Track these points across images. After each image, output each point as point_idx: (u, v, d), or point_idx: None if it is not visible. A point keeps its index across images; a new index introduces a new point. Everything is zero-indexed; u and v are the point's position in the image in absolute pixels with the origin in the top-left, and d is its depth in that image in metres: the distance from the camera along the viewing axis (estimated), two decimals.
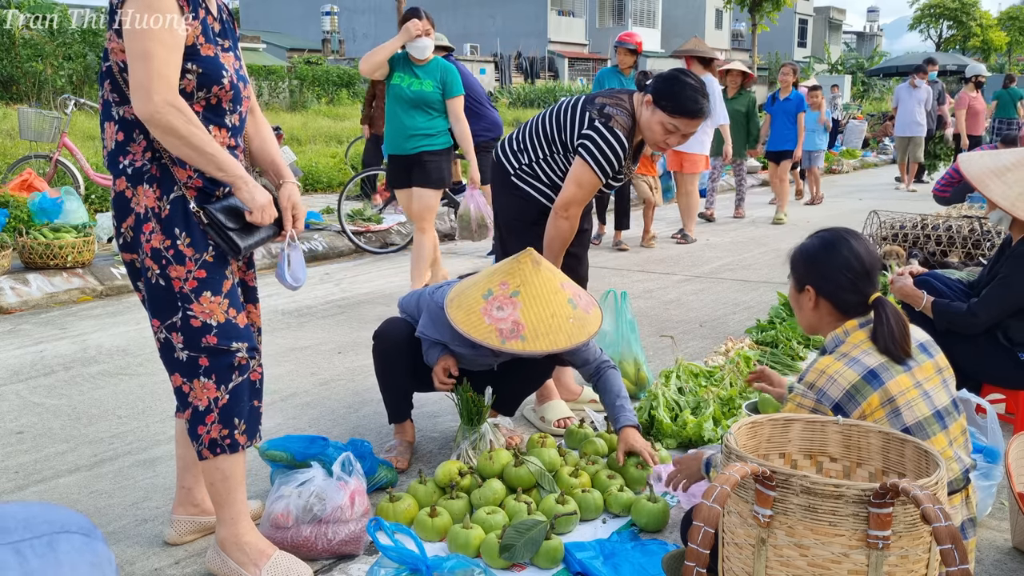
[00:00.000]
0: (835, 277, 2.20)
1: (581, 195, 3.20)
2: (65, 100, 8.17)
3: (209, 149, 2.07)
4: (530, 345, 2.64)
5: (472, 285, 2.80)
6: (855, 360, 2.09)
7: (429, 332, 2.95)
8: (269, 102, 21.10)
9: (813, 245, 2.29)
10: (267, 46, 34.20)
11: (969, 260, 5.72)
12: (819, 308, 2.25)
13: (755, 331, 4.65)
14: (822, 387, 2.09)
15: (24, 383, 4.06)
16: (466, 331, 2.66)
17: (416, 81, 5.06)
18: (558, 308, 2.70)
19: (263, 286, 2.72)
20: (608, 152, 3.13)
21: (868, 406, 2.05)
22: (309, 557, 2.39)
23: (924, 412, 2.06)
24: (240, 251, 2.19)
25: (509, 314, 2.65)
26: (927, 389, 2.10)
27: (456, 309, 2.73)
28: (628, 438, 2.88)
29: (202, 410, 2.21)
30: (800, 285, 2.29)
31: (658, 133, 3.12)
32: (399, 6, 10.28)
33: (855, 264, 2.19)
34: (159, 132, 2.04)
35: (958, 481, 2.09)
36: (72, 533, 0.75)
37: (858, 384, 2.06)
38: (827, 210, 10.59)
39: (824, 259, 2.23)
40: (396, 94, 5.09)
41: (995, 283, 3.18)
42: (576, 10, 47.19)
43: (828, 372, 2.09)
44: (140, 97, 2.00)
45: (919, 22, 49.47)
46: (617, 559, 2.36)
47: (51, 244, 5.83)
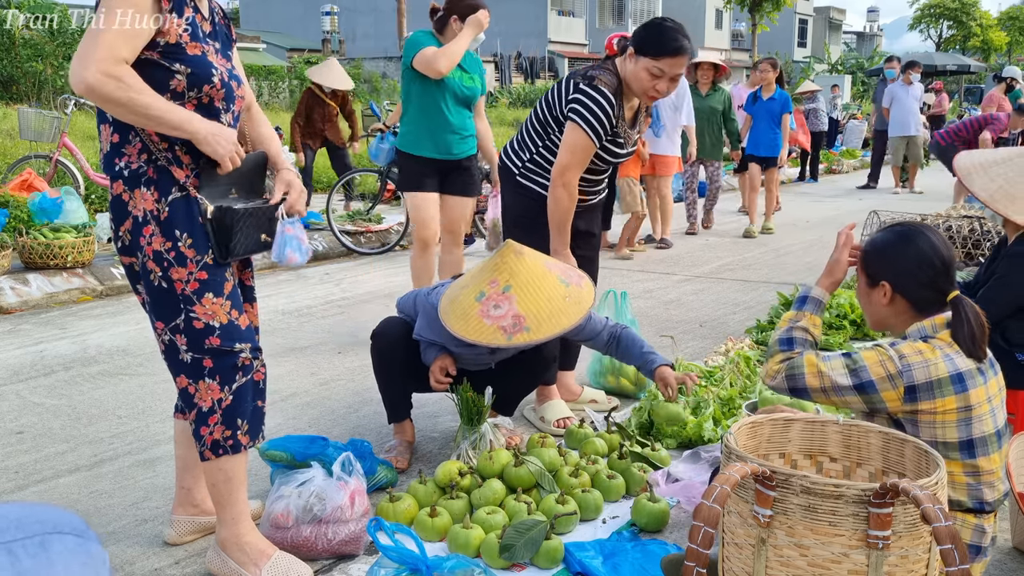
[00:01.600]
0: (914, 273, 2.09)
1: (576, 160, 3.16)
2: (65, 100, 8.17)
3: (155, 112, 2.02)
4: (535, 334, 2.64)
5: (462, 290, 2.80)
6: (949, 357, 2.01)
7: (426, 334, 2.96)
8: (269, 102, 21.11)
9: (888, 239, 2.17)
10: (267, 46, 34.18)
11: (969, 260, 5.72)
12: (894, 305, 2.14)
13: (755, 331, 4.65)
14: (911, 363, 2.00)
15: (24, 383, 4.06)
16: (470, 337, 2.66)
17: (467, 76, 4.42)
18: (551, 291, 2.72)
19: (263, 286, 2.71)
20: (596, 110, 3.10)
21: (941, 404, 1.99)
22: (309, 557, 2.39)
23: (989, 429, 2.03)
24: (227, 258, 2.20)
25: (507, 310, 2.66)
26: (994, 406, 2.05)
27: (454, 319, 2.72)
28: (664, 374, 2.97)
29: (205, 411, 2.21)
30: (874, 280, 2.17)
31: (645, 80, 3.09)
32: (399, 6, 10.26)
33: (935, 260, 2.09)
34: (100, 103, 2.01)
35: (999, 501, 2.07)
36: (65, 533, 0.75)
37: (944, 380, 1.99)
38: (827, 210, 10.59)
39: (902, 254, 2.12)
40: (447, 90, 4.33)
41: (992, 283, 3.18)
42: (576, 10, 47.19)
43: (925, 355, 2.00)
44: (76, 69, 1.96)
45: (919, 22, 49.46)
46: (617, 559, 2.36)
47: (51, 244, 5.83)
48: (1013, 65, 18.07)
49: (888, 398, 2.01)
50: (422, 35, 4.30)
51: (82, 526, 0.77)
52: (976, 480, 2.02)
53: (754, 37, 18.86)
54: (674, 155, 7.76)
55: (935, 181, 12.89)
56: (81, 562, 0.73)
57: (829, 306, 4.82)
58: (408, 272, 4.79)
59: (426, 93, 4.34)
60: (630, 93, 3.21)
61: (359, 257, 7.49)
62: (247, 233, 2.23)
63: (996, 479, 2.05)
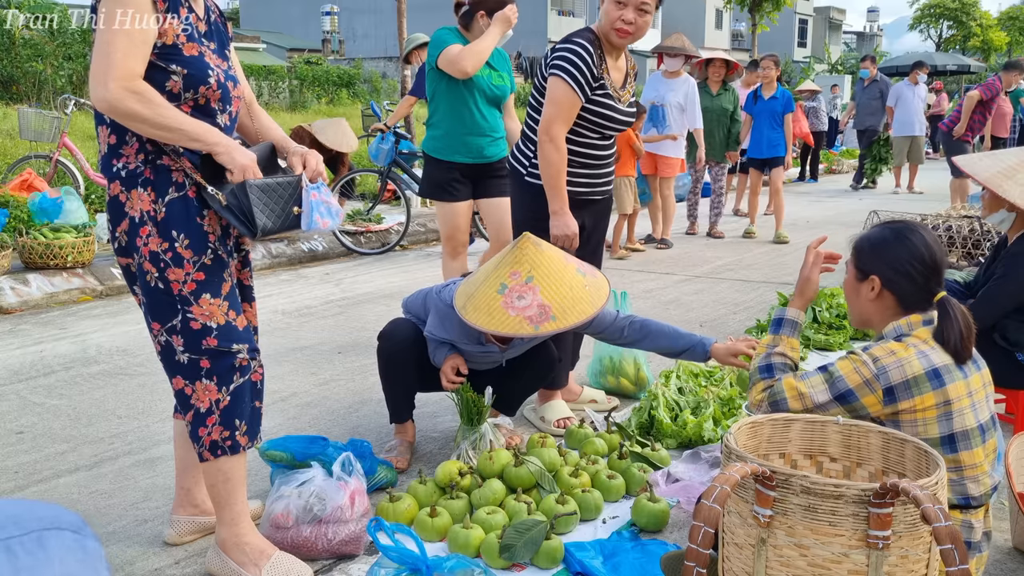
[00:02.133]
0: (905, 269, 2.11)
1: (560, 113, 3.11)
2: (65, 100, 8.17)
3: (176, 124, 2.03)
4: (562, 322, 2.64)
5: (480, 284, 2.78)
6: (923, 354, 2.02)
7: (437, 332, 2.95)
8: (269, 102, 21.09)
9: (883, 234, 2.18)
10: (267, 46, 34.19)
11: (969, 260, 5.72)
12: (880, 300, 2.16)
13: (755, 331, 4.65)
14: (886, 365, 2.01)
15: (24, 383, 4.06)
16: (496, 330, 2.65)
17: (496, 74, 4.15)
18: (572, 280, 2.72)
19: (263, 286, 2.71)
20: (573, 58, 3.08)
21: (921, 402, 2.00)
22: (309, 557, 2.39)
23: (971, 423, 2.03)
24: (259, 236, 2.15)
25: (532, 300, 2.65)
26: (975, 401, 2.06)
27: (476, 313, 2.70)
28: (725, 349, 2.88)
29: (203, 412, 2.21)
30: (863, 274, 2.18)
31: (612, 12, 3.07)
32: (399, 6, 10.26)
33: (927, 257, 2.10)
34: (122, 119, 2.02)
35: (986, 496, 2.07)
36: (62, 530, 0.75)
37: (920, 378, 1.99)
38: (827, 210, 10.59)
39: (895, 249, 2.13)
40: (476, 90, 4.06)
41: (992, 283, 3.18)
42: (576, 10, 47.18)
43: (898, 355, 2.01)
44: (96, 87, 1.98)
45: (919, 22, 49.43)
46: (617, 559, 2.36)
47: (51, 244, 5.83)
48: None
49: (869, 403, 2.03)
50: (446, 32, 4.05)
51: (79, 522, 0.77)
52: (959, 475, 2.03)
53: (754, 37, 18.86)
54: (678, 157, 7.71)
55: (935, 181, 12.89)
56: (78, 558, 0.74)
57: (829, 306, 4.82)
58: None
59: (454, 94, 4.07)
60: (610, 47, 3.18)
61: (359, 257, 7.49)
62: (272, 208, 2.16)
63: (980, 473, 2.05)
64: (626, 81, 3.32)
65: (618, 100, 3.23)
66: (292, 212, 2.19)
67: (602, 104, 3.17)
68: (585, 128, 3.20)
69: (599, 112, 3.18)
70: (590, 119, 3.18)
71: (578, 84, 3.08)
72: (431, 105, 4.23)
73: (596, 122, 3.20)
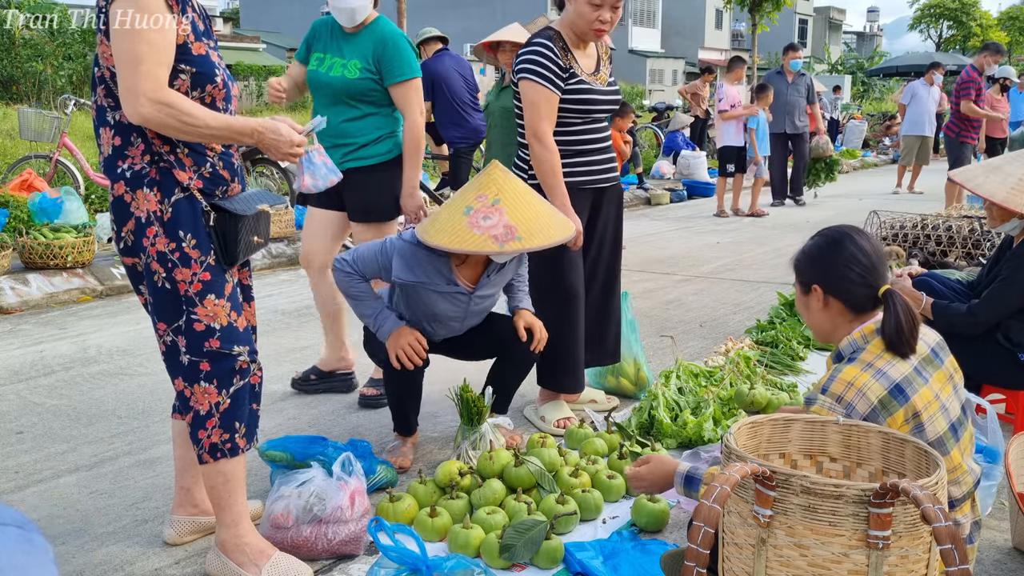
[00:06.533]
0: (842, 272, 2.12)
1: (541, 115, 3.12)
2: (65, 100, 8.17)
3: (214, 124, 2.06)
4: (527, 243, 2.64)
5: (444, 209, 2.76)
6: (881, 372, 2.00)
7: (404, 275, 2.83)
8: (269, 102, 21.11)
9: (816, 244, 2.22)
10: (267, 46, 34.18)
11: (969, 260, 5.72)
12: (829, 308, 2.17)
13: (755, 331, 4.65)
14: (851, 401, 1.99)
15: (24, 383, 4.06)
16: (458, 247, 2.62)
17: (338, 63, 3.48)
18: (540, 208, 2.76)
19: (263, 286, 2.71)
20: (535, 57, 3.11)
21: (892, 422, 1.98)
22: (309, 557, 2.39)
23: (942, 427, 2.02)
24: (233, 263, 2.21)
25: (498, 220, 2.63)
26: (944, 401, 2.05)
27: (437, 234, 2.65)
28: (522, 317, 3.05)
29: (203, 415, 2.21)
30: (806, 287, 2.21)
31: (588, 14, 3.08)
32: (399, 6, 10.26)
33: (861, 257, 2.12)
34: (159, 130, 2.04)
35: (969, 491, 2.07)
36: (6, 525, 0.77)
37: (885, 399, 1.98)
38: (827, 210, 10.59)
39: (829, 255, 2.16)
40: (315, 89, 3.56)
41: (996, 284, 3.18)
42: None
43: (856, 385, 2.00)
44: (129, 102, 1.99)
45: (919, 22, 49.48)
46: (617, 559, 2.36)
47: (51, 244, 5.83)
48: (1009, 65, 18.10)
49: None
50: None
51: (22, 519, 0.79)
52: None
53: (754, 37, 18.84)
54: None
55: (935, 181, 12.88)
56: (24, 551, 0.75)
57: None
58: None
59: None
60: (577, 40, 3.20)
61: None
62: (246, 240, 2.25)
63: (961, 474, 2.04)
64: (599, 65, 3.34)
65: (596, 81, 3.27)
66: (253, 241, 2.29)
67: (578, 90, 3.20)
68: (570, 116, 3.22)
69: (578, 99, 3.20)
70: (572, 107, 3.21)
71: (547, 80, 3.11)
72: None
73: (579, 108, 3.22)
